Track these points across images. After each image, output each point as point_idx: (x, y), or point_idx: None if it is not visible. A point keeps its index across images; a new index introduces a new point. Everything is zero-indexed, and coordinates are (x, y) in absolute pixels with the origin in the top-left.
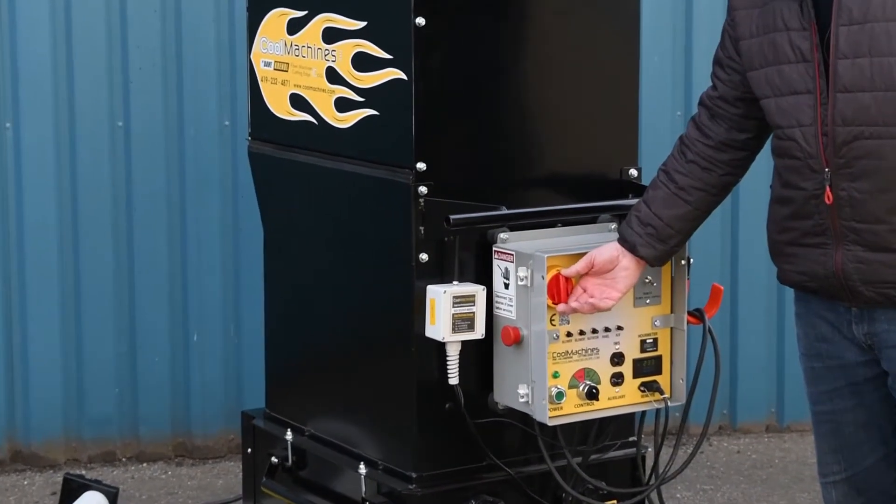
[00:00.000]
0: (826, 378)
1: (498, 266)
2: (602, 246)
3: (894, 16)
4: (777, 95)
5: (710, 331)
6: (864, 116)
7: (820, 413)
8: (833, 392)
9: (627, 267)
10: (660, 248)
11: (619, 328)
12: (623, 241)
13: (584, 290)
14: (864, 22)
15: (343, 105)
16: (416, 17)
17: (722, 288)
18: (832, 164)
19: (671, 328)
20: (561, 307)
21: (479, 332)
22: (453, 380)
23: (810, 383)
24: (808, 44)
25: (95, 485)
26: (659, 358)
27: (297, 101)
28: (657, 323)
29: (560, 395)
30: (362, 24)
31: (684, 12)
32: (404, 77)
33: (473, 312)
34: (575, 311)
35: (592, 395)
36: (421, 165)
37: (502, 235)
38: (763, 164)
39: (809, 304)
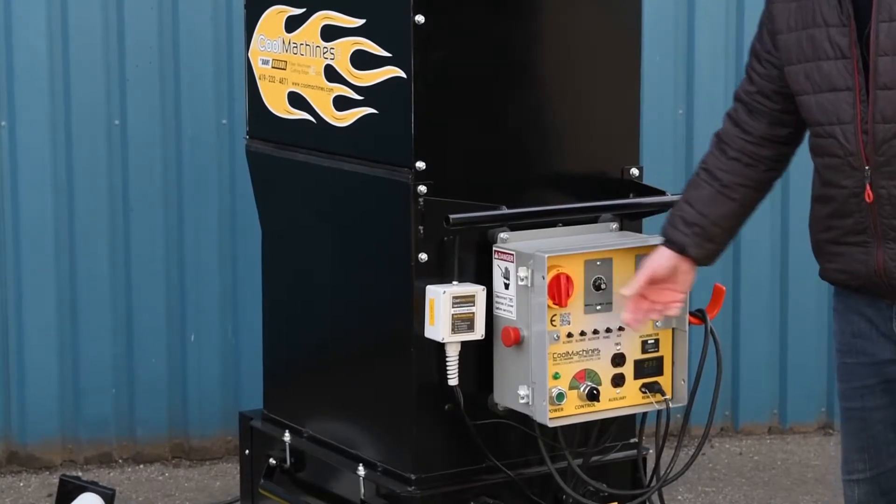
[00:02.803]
0: (858, 375)
1: (498, 266)
2: (651, 256)
3: None
4: (816, 92)
5: (711, 331)
6: None
7: (849, 410)
8: (864, 389)
9: (687, 270)
10: (709, 248)
11: (620, 329)
12: (671, 243)
13: (645, 298)
14: None
15: (342, 103)
16: (415, 14)
17: (724, 288)
18: (872, 162)
19: (673, 329)
20: (626, 317)
21: (478, 333)
22: (453, 381)
23: (842, 379)
24: (846, 40)
25: (92, 486)
26: (660, 359)
27: (296, 100)
28: (658, 323)
29: (561, 396)
30: (361, 21)
31: (686, 10)
32: (403, 75)
33: (473, 313)
34: (640, 322)
35: (593, 396)
36: (420, 164)
37: (502, 235)
38: None
39: (849, 300)
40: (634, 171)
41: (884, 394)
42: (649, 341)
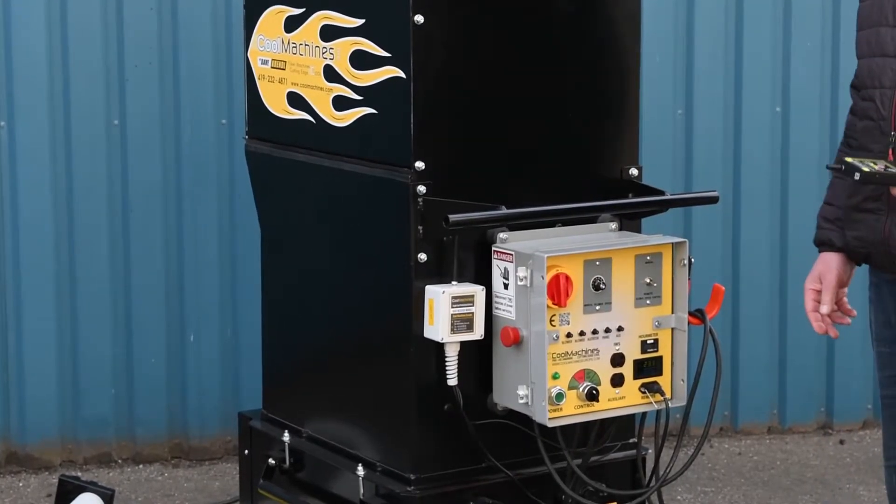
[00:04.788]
0: (892, 363)
1: (497, 266)
2: (816, 267)
3: None
4: (870, 56)
5: (711, 331)
6: None
7: (886, 397)
8: (895, 379)
9: (852, 267)
10: None
11: (620, 329)
12: (822, 244)
13: (842, 302)
14: None
15: (341, 103)
16: (414, 14)
17: (723, 288)
18: None
19: (672, 329)
20: (833, 333)
21: (478, 333)
22: (452, 381)
23: (879, 368)
24: None
25: (91, 487)
26: (660, 359)
27: (295, 100)
28: (658, 323)
29: (560, 396)
30: (360, 21)
31: (686, 11)
32: (403, 75)
33: (472, 313)
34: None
35: (592, 396)
36: (420, 164)
37: (502, 235)
38: (762, 166)
39: (881, 290)
40: (634, 171)
41: None
42: (648, 341)
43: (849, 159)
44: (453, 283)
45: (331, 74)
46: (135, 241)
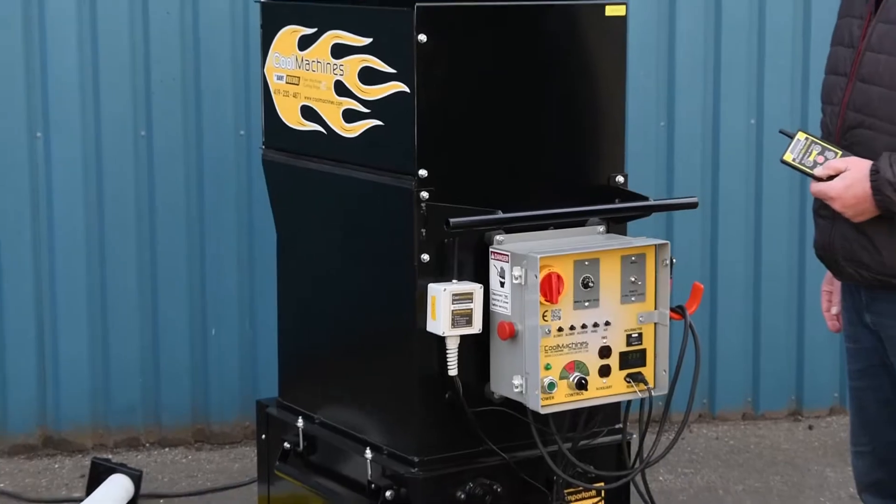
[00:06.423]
0: (855, 358)
1: (494, 266)
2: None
3: None
4: (827, 73)
5: (690, 326)
6: (868, 108)
7: (852, 389)
8: (860, 372)
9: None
10: None
11: (607, 323)
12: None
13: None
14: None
15: (350, 116)
16: (418, 34)
17: (702, 286)
18: (842, 145)
19: (655, 324)
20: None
21: (476, 327)
22: (452, 371)
23: (847, 361)
24: (858, 32)
25: (121, 468)
26: (643, 351)
27: (308, 112)
28: (642, 319)
29: (552, 385)
30: (368, 40)
31: (667, 32)
32: (407, 90)
33: (471, 309)
34: None
35: (581, 385)
36: (423, 172)
37: (498, 237)
38: (738, 174)
39: (844, 294)
40: (620, 179)
41: (873, 377)
42: (633, 335)
43: (802, 134)
44: (453, 281)
45: (341, 89)
46: (160, 243)
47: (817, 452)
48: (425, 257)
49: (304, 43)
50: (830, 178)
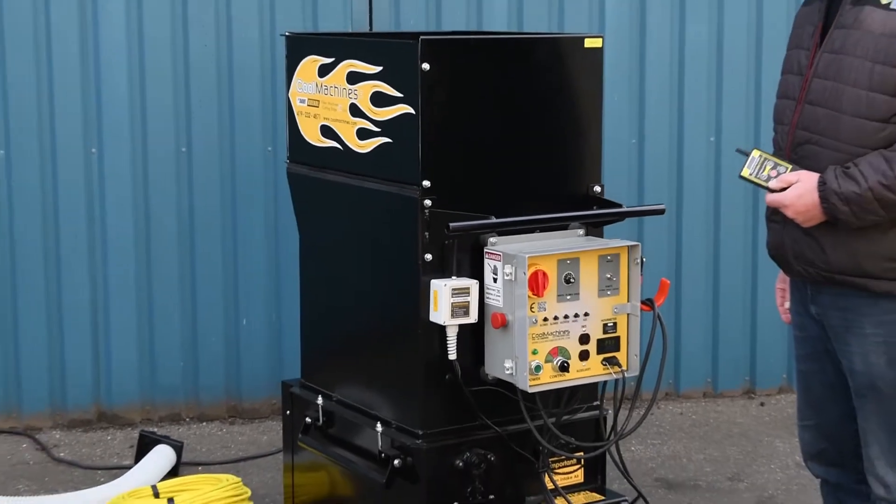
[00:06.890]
0: (801, 344)
1: (488, 264)
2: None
3: (861, 53)
4: (778, 97)
5: (658, 316)
6: (815, 126)
7: (799, 372)
8: (805, 357)
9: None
10: None
11: (586, 314)
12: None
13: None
14: (839, 53)
15: (363, 134)
16: (422, 63)
17: (669, 282)
18: (792, 159)
19: (627, 314)
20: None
21: (473, 317)
22: (452, 355)
23: (794, 347)
24: (806, 61)
25: (165, 440)
26: (618, 338)
27: (327, 131)
28: (616, 310)
29: (538, 367)
30: (379, 68)
31: (638, 60)
32: (413, 112)
33: (468, 301)
34: None
35: (564, 368)
36: (426, 183)
37: (492, 239)
38: (700, 184)
39: (793, 289)
40: (597, 188)
41: (816, 361)
42: (609, 324)
43: (756, 152)
44: (453, 277)
45: (355, 111)
46: (199, 245)
47: (768, 426)
48: (428, 257)
49: (324, 71)
50: (783, 189)
